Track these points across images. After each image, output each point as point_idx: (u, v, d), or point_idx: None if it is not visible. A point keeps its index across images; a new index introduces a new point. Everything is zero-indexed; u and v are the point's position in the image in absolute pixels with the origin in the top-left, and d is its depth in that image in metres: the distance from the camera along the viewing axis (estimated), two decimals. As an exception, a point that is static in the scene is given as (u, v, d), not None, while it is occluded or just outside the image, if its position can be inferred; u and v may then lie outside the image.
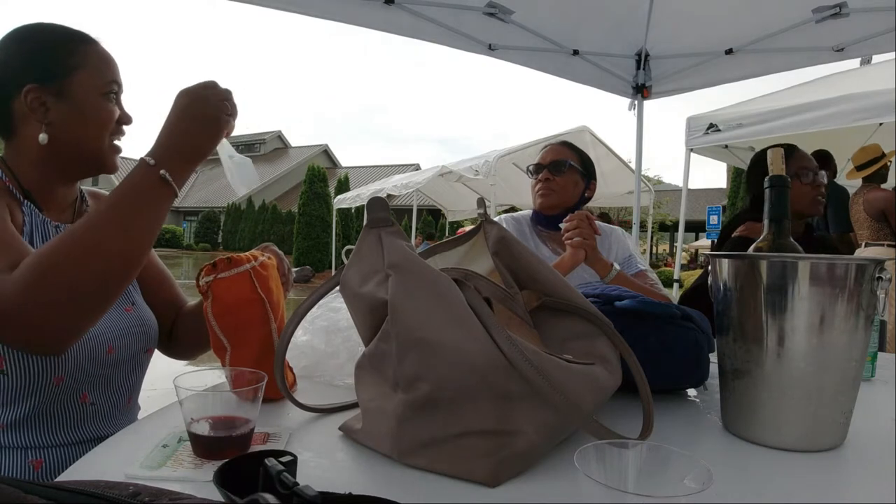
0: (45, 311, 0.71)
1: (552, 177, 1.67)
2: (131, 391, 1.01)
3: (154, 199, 0.79)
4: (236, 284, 0.82)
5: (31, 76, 0.89)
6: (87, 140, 0.93)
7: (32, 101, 0.89)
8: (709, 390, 1.00)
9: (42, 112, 0.90)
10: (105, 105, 0.93)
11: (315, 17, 2.28)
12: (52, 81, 0.90)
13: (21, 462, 0.86)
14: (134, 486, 0.39)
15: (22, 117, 0.90)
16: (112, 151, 0.96)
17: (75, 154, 0.93)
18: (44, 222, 0.92)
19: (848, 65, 3.65)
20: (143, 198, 0.78)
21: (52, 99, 0.90)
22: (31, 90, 0.88)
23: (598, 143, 7.36)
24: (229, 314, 0.82)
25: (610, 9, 2.73)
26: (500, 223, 1.08)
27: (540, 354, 0.64)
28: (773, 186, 0.86)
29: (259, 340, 0.83)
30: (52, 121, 0.90)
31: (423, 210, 16.17)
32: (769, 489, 0.62)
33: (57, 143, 0.91)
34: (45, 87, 0.89)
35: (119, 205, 0.77)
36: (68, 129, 0.91)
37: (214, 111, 0.82)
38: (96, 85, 0.92)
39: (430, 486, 0.59)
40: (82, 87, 0.91)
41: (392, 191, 9.43)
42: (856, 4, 2.35)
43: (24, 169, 0.92)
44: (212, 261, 0.82)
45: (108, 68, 0.95)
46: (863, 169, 3.62)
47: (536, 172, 1.71)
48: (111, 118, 0.94)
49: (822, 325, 0.70)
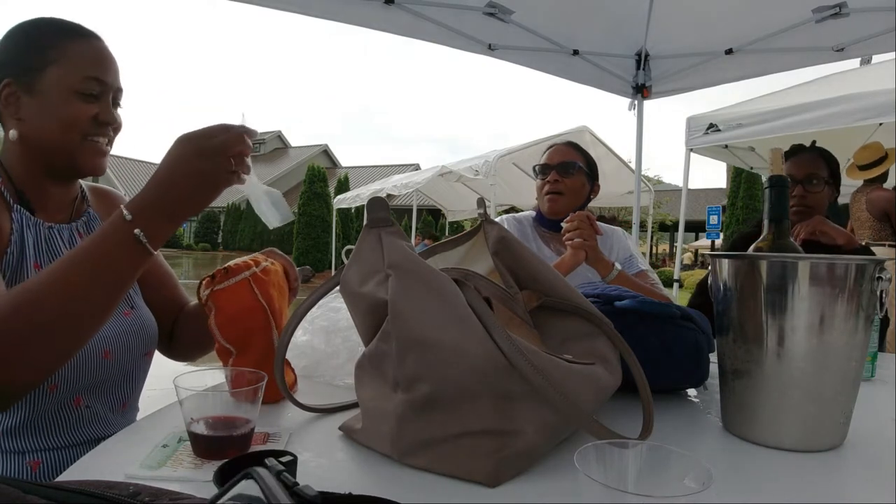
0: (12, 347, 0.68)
1: (561, 178, 1.64)
2: (128, 396, 1.00)
3: (124, 257, 0.72)
4: (236, 294, 0.82)
5: (9, 70, 0.87)
6: (54, 138, 0.87)
7: (7, 95, 0.86)
8: (709, 390, 1.00)
9: (14, 107, 0.87)
10: (74, 103, 0.87)
11: (315, 17, 2.28)
12: (26, 76, 0.86)
13: (19, 464, 0.85)
14: (134, 485, 0.39)
15: (3, 113, 0.88)
16: (88, 153, 0.90)
17: (46, 153, 0.89)
18: (36, 225, 0.90)
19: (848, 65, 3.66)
20: (112, 253, 0.72)
21: (25, 94, 0.87)
22: (6, 84, 0.86)
23: (598, 143, 7.36)
24: (232, 324, 0.82)
25: (610, 9, 2.72)
26: (500, 223, 1.08)
27: (540, 354, 0.64)
28: (772, 186, 0.86)
29: (262, 346, 0.83)
30: (23, 117, 0.87)
31: (423, 210, 16.17)
32: (769, 489, 0.62)
33: (27, 141, 0.88)
34: (19, 81, 0.86)
35: (90, 253, 0.72)
36: (37, 127, 0.87)
37: (212, 167, 0.71)
38: (69, 81, 0.87)
39: (430, 486, 0.59)
40: (52, 83, 0.86)
41: (392, 191, 9.43)
42: (856, 4, 2.34)
43: (13, 167, 0.90)
44: (211, 272, 0.82)
45: (90, 64, 0.89)
46: (866, 169, 3.60)
47: (543, 173, 1.68)
48: (79, 117, 0.87)
49: (822, 325, 0.70)
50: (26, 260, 0.86)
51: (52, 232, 0.92)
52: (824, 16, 2.42)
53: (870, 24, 2.44)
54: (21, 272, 0.85)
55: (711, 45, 2.88)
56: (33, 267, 0.87)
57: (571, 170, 1.65)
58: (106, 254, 0.72)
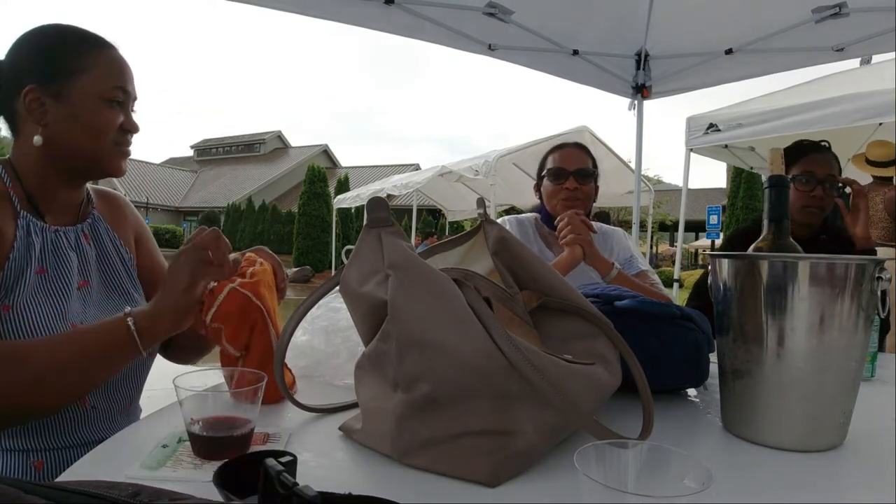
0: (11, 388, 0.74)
1: (579, 185, 1.60)
2: (133, 394, 1.01)
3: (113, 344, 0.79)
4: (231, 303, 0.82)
5: (32, 77, 0.88)
6: (83, 144, 0.91)
7: (31, 101, 0.88)
8: (709, 390, 1.00)
9: (39, 113, 0.89)
10: (104, 111, 0.91)
11: (314, 18, 2.28)
12: (53, 82, 0.89)
13: (23, 463, 0.86)
14: (133, 485, 0.39)
15: (23, 118, 0.89)
16: (115, 156, 0.95)
17: (71, 158, 0.92)
18: (43, 230, 0.91)
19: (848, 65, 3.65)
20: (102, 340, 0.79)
21: (51, 100, 0.89)
22: (30, 90, 0.88)
23: (598, 143, 7.35)
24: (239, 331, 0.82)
25: (610, 9, 2.72)
26: (500, 224, 1.08)
27: (540, 354, 0.64)
28: (772, 186, 0.86)
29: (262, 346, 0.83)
30: (49, 122, 0.89)
31: (422, 210, 16.17)
32: (769, 489, 0.62)
33: (53, 145, 0.90)
34: (44, 87, 0.88)
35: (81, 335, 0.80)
36: (64, 133, 0.90)
37: (192, 255, 0.79)
38: (99, 90, 0.90)
39: (429, 486, 0.59)
40: (82, 91, 0.90)
41: (392, 191, 9.43)
42: (856, 4, 2.34)
43: (26, 170, 0.91)
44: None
45: (116, 75, 0.93)
46: (876, 166, 3.56)
47: (559, 177, 1.62)
48: (110, 125, 0.92)
49: (822, 326, 0.70)
50: (30, 266, 0.87)
51: (58, 235, 0.93)
52: (824, 16, 2.42)
53: (870, 24, 2.44)
54: (23, 279, 0.86)
55: (711, 45, 2.87)
56: (36, 272, 0.88)
57: (589, 176, 1.62)
58: (97, 340, 0.79)
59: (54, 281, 0.90)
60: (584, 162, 1.65)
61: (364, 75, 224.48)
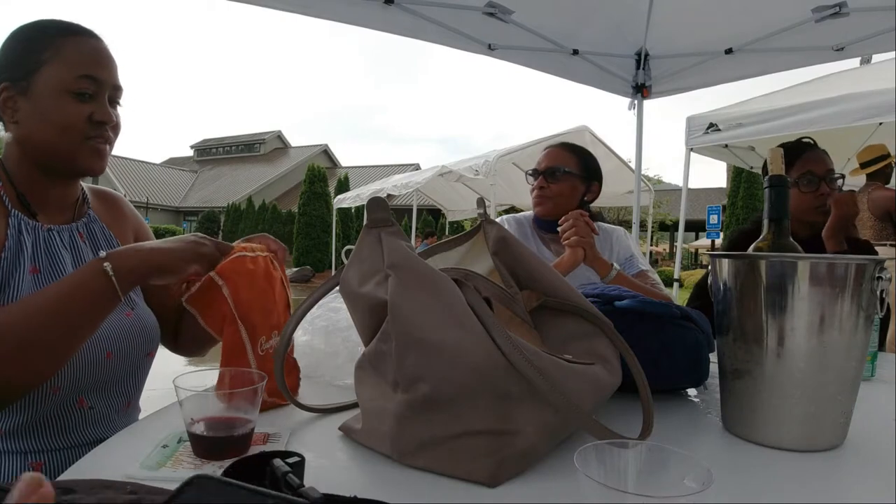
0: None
1: (547, 184, 1.66)
2: (131, 395, 1.00)
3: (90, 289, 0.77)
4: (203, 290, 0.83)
5: (7, 74, 0.86)
6: (51, 141, 0.87)
7: (5, 99, 0.86)
8: (709, 390, 1.00)
9: (11, 111, 0.86)
10: (69, 104, 0.86)
11: (314, 17, 2.28)
12: (21, 79, 0.86)
13: (22, 465, 0.85)
14: (132, 485, 0.39)
15: (3, 117, 0.88)
16: (87, 153, 0.89)
17: (43, 156, 0.89)
18: (35, 228, 0.90)
19: (848, 65, 3.65)
20: (80, 285, 0.77)
21: (21, 97, 0.86)
22: (4, 88, 0.86)
23: (598, 142, 7.35)
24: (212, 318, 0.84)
25: (610, 9, 2.72)
26: (500, 223, 1.08)
27: (540, 354, 0.64)
28: (772, 186, 0.86)
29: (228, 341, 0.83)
30: (19, 120, 0.87)
31: (423, 210, 16.16)
32: (769, 489, 0.62)
33: (25, 143, 0.88)
34: (15, 84, 0.86)
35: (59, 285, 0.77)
36: (32, 130, 0.87)
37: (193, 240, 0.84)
38: (62, 80, 0.85)
39: (429, 486, 0.59)
40: (45, 84, 0.85)
41: (392, 191, 9.43)
42: (856, 4, 2.34)
43: (14, 169, 0.90)
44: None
45: (83, 63, 0.87)
46: (867, 166, 3.60)
47: (533, 177, 1.71)
48: (76, 118, 0.86)
49: (822, 325, 0.70)
50: (22, 265, 0.86)
51: (50, 234, 0.92)
52: (824, 15, 2.42)
53: (870, 24, 2.44)
54: (15, 278, 0.85)
55: (711, 45, 2.87)
56: (29, 272, 0.87)
57: (557, 174, 1.66)
58: (74, 285, 0.77)
59: (48, 280, 0.88)
60: (558, 160, 1.67)
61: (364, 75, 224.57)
